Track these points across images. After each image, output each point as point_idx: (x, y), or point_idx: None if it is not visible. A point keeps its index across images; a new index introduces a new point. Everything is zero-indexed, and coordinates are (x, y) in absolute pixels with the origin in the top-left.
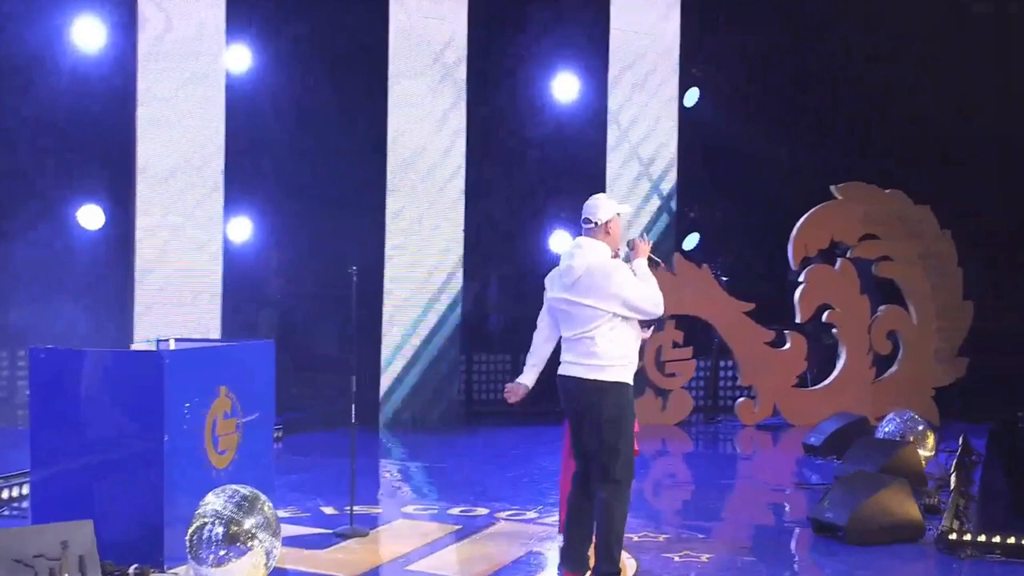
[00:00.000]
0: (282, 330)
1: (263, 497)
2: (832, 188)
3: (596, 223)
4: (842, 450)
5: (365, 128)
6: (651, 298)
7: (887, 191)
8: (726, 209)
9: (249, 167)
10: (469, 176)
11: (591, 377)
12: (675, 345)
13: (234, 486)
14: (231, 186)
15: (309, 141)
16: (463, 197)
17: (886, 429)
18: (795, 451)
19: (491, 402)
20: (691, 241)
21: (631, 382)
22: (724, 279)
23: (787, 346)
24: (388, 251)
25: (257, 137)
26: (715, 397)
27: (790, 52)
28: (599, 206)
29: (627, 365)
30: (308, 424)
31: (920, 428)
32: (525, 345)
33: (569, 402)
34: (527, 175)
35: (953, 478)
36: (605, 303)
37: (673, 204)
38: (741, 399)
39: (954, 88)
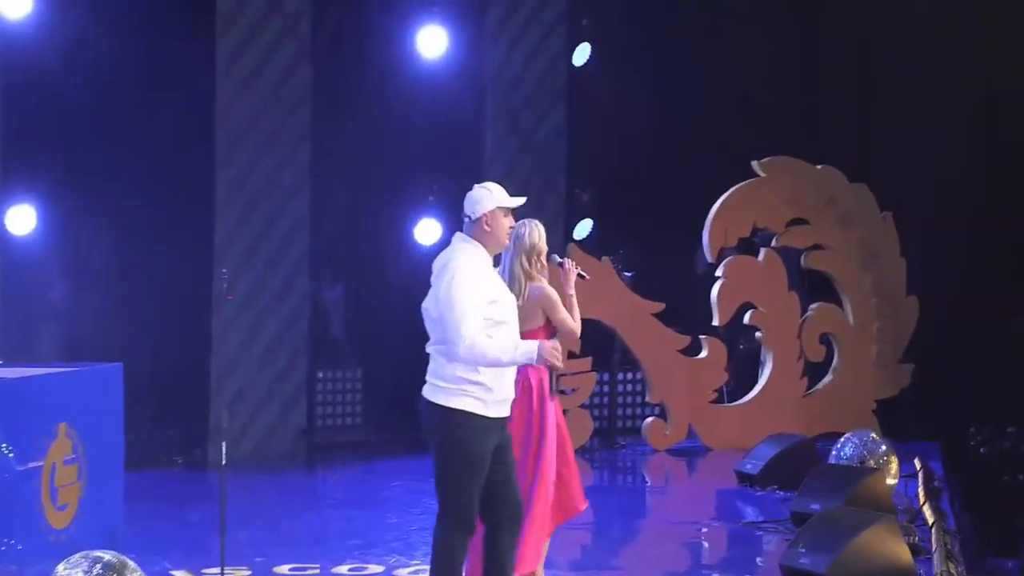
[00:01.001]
0: (73, 350)
1: (131, 565)
2: (754, 164)
3: (470, 217)
4: (785, 479)
5: (186, 93)
6: (471, 342)
7: (818, 167)
8: (627, 190)
9: (32, 141)
10: (316, 151)
11: (431, 399)
12: (570, 355)
13: (93, 553)
14: (8, 164)
15: (113, 108)
16: (308, 177)
17: (843, 453)
18: (716, 481)
19: (342, 429)
20: (583, 228)
21: (485, 414)
22: (627, 274)
23: (703, 354)
24: (217, 243)
25: (43, 101)
26: (616, 417)
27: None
28: (474, 198)
29: (476, 393)
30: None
31: (882, 451)
32: (380, 360)
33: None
34: (387, 150)
35: (927, 510)
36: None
37: (562, 183)
38: (649, 419)
39: (888, 32)
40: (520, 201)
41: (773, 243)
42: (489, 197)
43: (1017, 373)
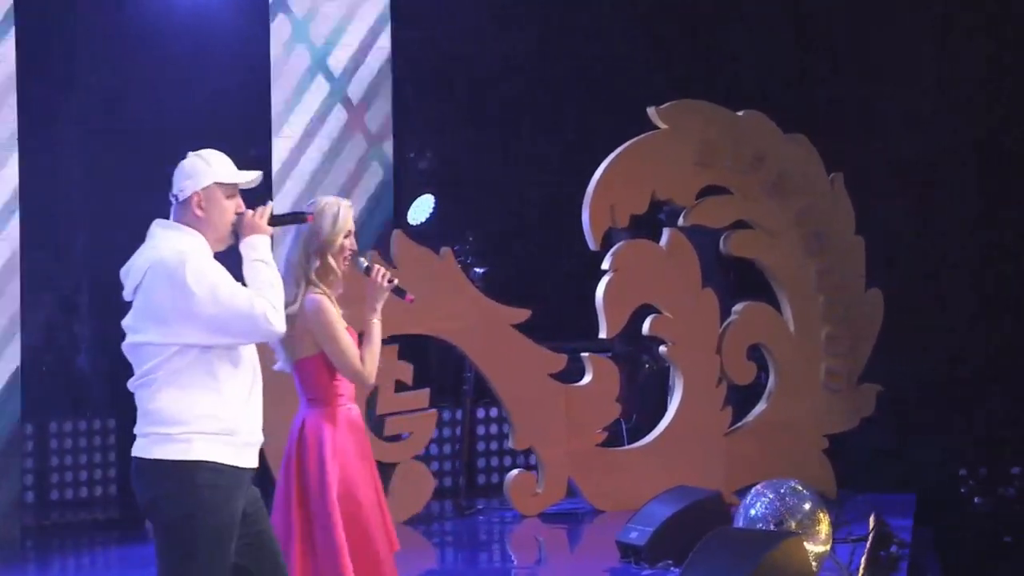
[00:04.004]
0: None
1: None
2: (651, 111)
3: (176, 197)
4: (683, 552)
5: None
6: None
7: (740, 113)
8: (479, 153)
9: None
10: (27, 106)
11: (146, 456)
12: (400, 387)
13: None
14: None
15: None
16: (15, 144)
17: (752, 512)
18: (608, 557)
19: (76, 504)
20: (422, 208)
21: (235, 463)
22: (479, 271)
23: (587, 379)
24: None
25: None
26: (471, 471)
27: None
28: (185, 171)
29: (208, 432)
30: None
31: (807, 507)
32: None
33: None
34: (127, 103)
35: None
36: (171, 328)
37: (388, 148)
38: (515, 472)
39: None
40: (249, 176)
41: (680, 221)
42: (205, 170)
43: None
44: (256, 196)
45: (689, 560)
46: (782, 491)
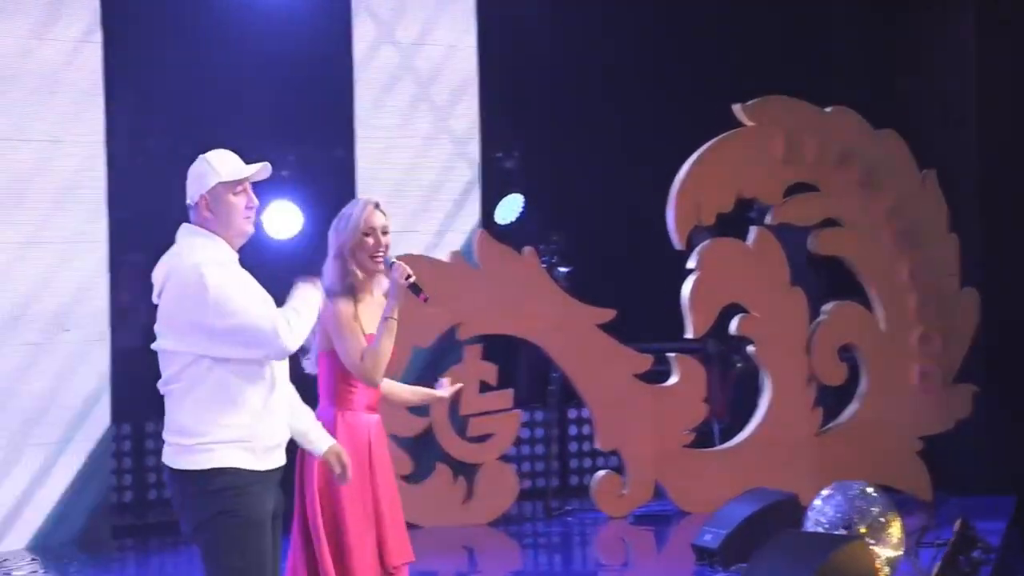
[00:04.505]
0: None
1: None
2: (737, 108)
3: (190, 203)
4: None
5: None
6: (295, 331)
7: (827, 109)
8: (564, 152)
9: None
10: (114, 109)
11: (175, 466)
12: (483, 388)
13: None
14: None
15: None
16: (102, 147)
17: (821, 517)
18: (689, 560)
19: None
20: (509, 208)
21: (255, 467)
22: (563, 270)
23: (673, 379)
24: None
25: None
26: (565, 471)
27: None
28: (192, 175)
29: (225, 440)
30: None
31: (875, 511)
32: None
33: None
34: (210, 105)
35: None
36: (184, 338)
37: (474, 148)
38: (600, 473)
39: None
40: (252, 170)
41: (767, 219)
42: (208, 172)
43: None
44: (339, 199)
45: (751, 562)
46: (851, 494)
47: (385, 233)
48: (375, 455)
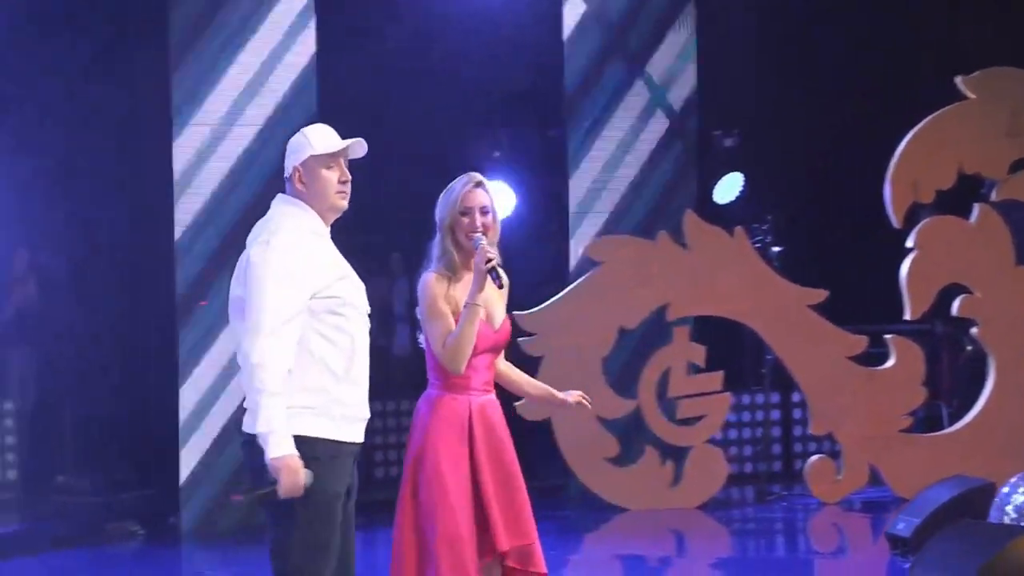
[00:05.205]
0: None
1: None
2: (959, 81)
3: (287, 175)
4: None
5: None
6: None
7: None
8: (783, 130)
9: None
10: (326, 95)
11: (245, 429)
12: (693, 369)
13: None
14: None
15: None
16: None
17: (1009, 505)
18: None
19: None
20: (729, 187)
21: (335, 437)
22: (776, 250)
23: (891, 362)
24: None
25: None
26: (780, 455)
27: None
28: (288, 149)
29: (300, 406)
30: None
31: None
32: None
33: None
34: (423, 88)
35: None
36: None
37: (692, 126)
38: (814, 458)
39: None
40: (342, 145)
41: (992, 196)
42: (303, 145)
43: None
44: (550, 179)
45: (925, 549)
46: None
47: (485, 213)
48: (477, 436)
